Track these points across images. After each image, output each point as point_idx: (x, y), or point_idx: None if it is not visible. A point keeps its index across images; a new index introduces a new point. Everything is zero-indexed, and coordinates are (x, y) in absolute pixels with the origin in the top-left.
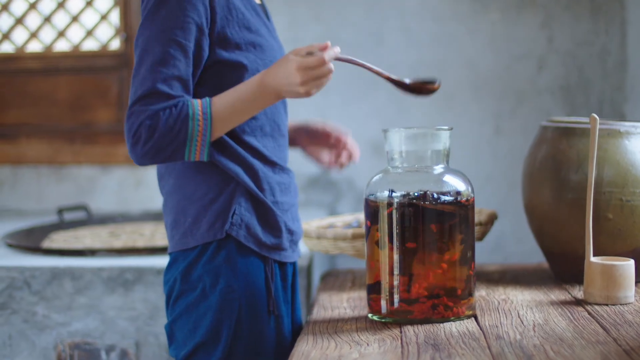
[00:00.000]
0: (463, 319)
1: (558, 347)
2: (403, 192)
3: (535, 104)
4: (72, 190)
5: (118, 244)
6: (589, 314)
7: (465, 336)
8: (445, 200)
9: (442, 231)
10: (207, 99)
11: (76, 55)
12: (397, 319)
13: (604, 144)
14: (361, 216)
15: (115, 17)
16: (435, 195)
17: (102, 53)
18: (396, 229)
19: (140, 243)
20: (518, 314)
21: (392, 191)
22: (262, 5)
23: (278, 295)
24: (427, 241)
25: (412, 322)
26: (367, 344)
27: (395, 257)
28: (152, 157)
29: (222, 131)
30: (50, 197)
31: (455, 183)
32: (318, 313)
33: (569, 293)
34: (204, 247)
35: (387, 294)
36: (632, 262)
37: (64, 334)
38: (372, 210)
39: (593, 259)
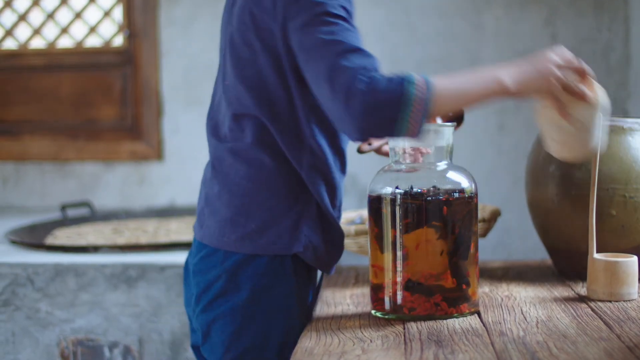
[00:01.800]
0: (466, 316)
1: (561, 344)
2: (406, 189)
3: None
4: (75, 187)
5: (121, 240)
6: (593, 310)
7: (468, 332)
8: (448, 197)
9: (446, 228)
10: (424, 74)
11: (79, 51)
12: (400, 316)
13: (607, 141)
14: (364, 213)
15: (118, 13)
16: (439, 192)
17: (106, 50)
18: (399, 225)
19: (144, 240)
20: (521, 310)
21: (396, 187)
22: None
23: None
24: (430, 238)
25: (415, 319)
26: (371, 341)
27: (399, 253)
28: (369, 115)
29: (442, 108)
30: (53, 193)
31: (458, 179)
32: (321, 309)
33: (572, 290)
34: (261, 255)
35: (390, 290)
36: (635, 258)
37: (67, 330)
38: (375, 206)
39: (596, 255)
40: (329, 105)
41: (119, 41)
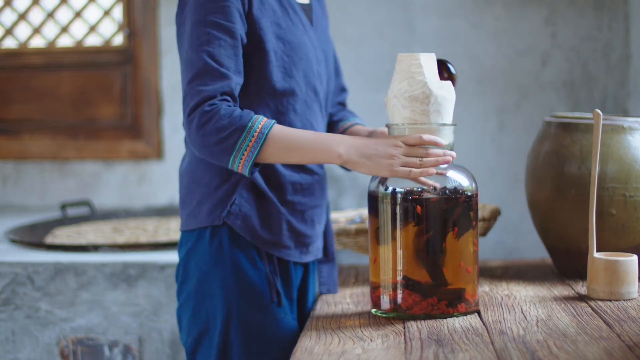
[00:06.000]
0: (465, 315)
1: (561, 343)
2: (407, 187)
3: (538, 99)
4: (75, 186)
5: (121, 239)
6: (592, 309)
7: (468, 332)
8: (449, 196)
9: (446, 227)
10: (272, 122)
11: (79, 50)
12: (399, 315)
13: (607, 140)
14: (364, 212)
15: (118, 12)
16: (439, 191)
17: (106, 49)
18: (399, 224)
19: (143, 239)
20: (521, 309)
21: (396, 187)
22: (309, 5)
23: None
24: (430, 237)
25: (414, 318)
26: (371, 340)
27: (399, 252)
28: (202, 145)
29: (271, 158)
30: (53, 192)
31: (459, 179)
32: (321, 309)
33: (572, 289)
34: (202, 232)
35: (390, 289)
36: (635, 257)
37: (67, 329)
38: (375, 205)
39: (596, 254)
40: (183, 109)
41: (119, 40)
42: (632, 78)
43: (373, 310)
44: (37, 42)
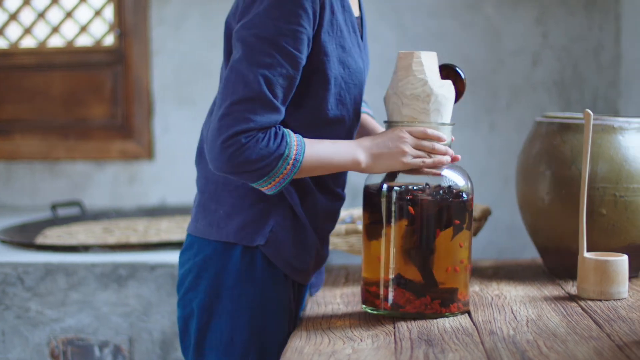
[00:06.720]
0: (457, 315)
1: (551, 343)
2: (403, 185)
3: (529, 99)
4: (66, 186)
5: (112, 239)
6: (583, 309)
7: (458, 332)
8: (444, 195)
9: (440, 226)
10: (303, 143)
11: (70, 51)
12: (391, 313)
13: (598, 140)
14: (355, 212)
15: (109, 12)
16: (435, 189)
17: (96, 49)
18: (394, 221)
19: (134, 239)
20: (511, 309)
21: (391, 185)
22: (361, 19)
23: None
24: (424, 235)
25: (405, 317)
26: (361, 340)
27: (392, 250)
28: (230, 172)
29: (300, 176)
30: (44, 193)
31: (454, 178)
32: (312, 309)
33: (563, 288)
34: (228, 247)
35: (382, 287)
36: (625, 257)
37: (57, 330)
38: (370, 201)
39: (587, 254)
40: (211, 129)
41: (109, 40)
42: (623, 78)
43: (363, 307)
44: (28, 43)
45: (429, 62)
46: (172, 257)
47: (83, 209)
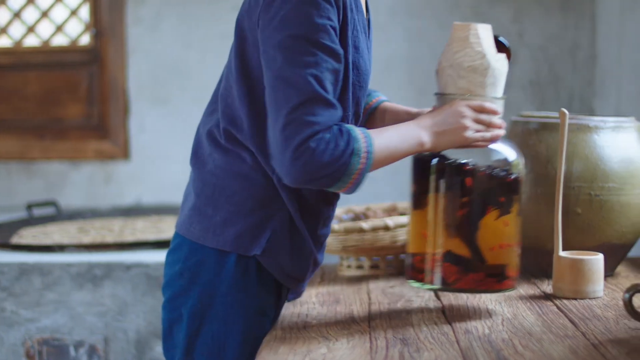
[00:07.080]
0: (505, 292)
1: (526, 342)
2: (456, 158)
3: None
4: (41, 186)
5: (87, 239)
6: (558, 308)
7: (433, 330)
8: (493, 170)
9: (494, 202)
10: (368, 133)
11: (46, 50)
12: (442, 288)
13: (573, 139)
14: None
15: (85, 12)
16: (491, 165)
17: (72, 48)
18: (445, 193)
19: (109, 239)
20: (487, 308)
21: (444, 156)
22: (368, 20)
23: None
24: (476, 210)
25: (456, 292)
26: (336, 339)
27: (440, 224)
28: (308, 181)
29: (373, 169)
30: (19, 192)
31: (505, 152)
32: (287, 308)
33: (538, 287)
34: (223, 254)
35: (430, 261)
36: (600, 256)
37: (33, 330)
38: (422, 175)
39: (562, 253)
40: (275, 142)
41: (85, 40)
42: (598, 77)
43: (410, 282)
44: (4, 42)
45: (485, 35)
46: (148, 256)
47: (58, 209)
